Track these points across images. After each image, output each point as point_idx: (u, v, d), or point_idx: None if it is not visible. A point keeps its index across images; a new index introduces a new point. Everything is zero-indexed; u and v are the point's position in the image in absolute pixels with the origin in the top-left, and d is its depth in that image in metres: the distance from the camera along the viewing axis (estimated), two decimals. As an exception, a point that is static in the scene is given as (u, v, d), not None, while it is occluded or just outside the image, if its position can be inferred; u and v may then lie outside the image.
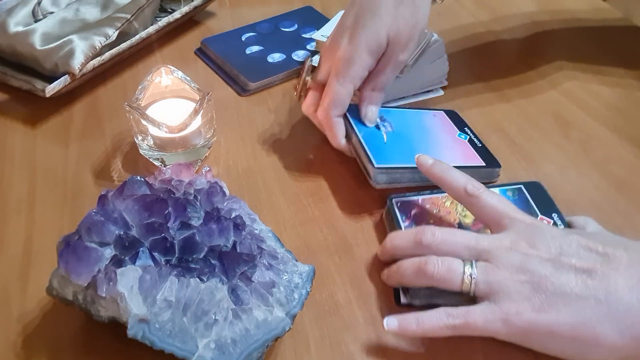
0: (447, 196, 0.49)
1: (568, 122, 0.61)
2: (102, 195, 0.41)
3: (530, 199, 0.49)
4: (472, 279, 0.40)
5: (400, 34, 0.52)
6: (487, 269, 0.40)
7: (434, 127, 0.58)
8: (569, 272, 0.38)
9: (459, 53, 0.71)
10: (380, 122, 0.56)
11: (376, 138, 0.54)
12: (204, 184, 0.45)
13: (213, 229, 0.40)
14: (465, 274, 0.40)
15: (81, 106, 0.64)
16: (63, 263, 0.38)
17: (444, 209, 0.49)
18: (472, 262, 0.40)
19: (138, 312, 0.36)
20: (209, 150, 0.57)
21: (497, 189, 0.50)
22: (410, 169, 0.51)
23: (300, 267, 0.42)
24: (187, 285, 0.38)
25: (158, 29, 0.68)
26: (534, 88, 0.66)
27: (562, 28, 0.76)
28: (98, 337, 0.42)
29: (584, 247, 0.39)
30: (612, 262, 0.38)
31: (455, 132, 0.58)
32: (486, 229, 0.45)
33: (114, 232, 0.39)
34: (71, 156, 0.58)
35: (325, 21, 0.70)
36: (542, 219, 0.47)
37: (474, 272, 0.40)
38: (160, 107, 0.56)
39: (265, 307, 0.39)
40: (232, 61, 0.68)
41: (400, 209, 0.49)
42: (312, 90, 0.56)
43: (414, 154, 0.51)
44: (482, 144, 0.57)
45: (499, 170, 0.54)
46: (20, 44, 0.62)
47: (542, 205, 0.49)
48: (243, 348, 0.37)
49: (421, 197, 0.50)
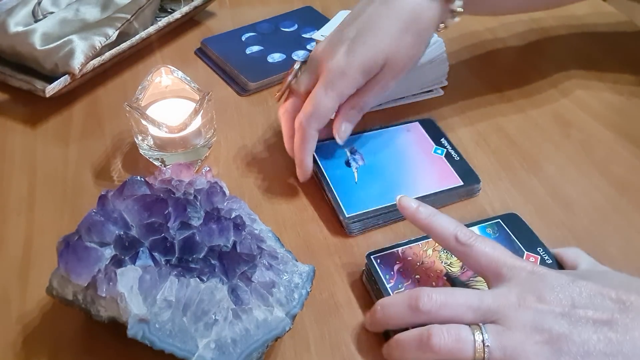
0: (427, 243, 0.46)
1: (568, 122, 0.61)
2: (102, 195, 0.41)
3: (511, 234, 0.47)
4: (484, 346, 0.36)
5: (397, 61, 0.50)
6: (498, 333, 0.36)
7: (408, 147, 0.56)
8: (587, 327, 0.35)
9: (459, 53, 0.71)
10: (350, 157, 0.54)
11: (346, 179, 0.52)
12: (204, 184, 0.45)
13: (213, 229, 0.40)
14: (476, 342, 0.36)
15: (81, 106, 0.64)
16: (63, 263, 0.38)
17: (427, 259, 0.45)
18: (480, 327, 0.36)
19: (138, 312, 0.36)
20: (209, 150, 0.57)
21: (475, 227, 0.47)
22: (385, 208, 0.50)
23: (300, 267, 0.42)
24: (187, 285, 0.38)
25: (158, 29, 0.68)
26: (534, 88, 0.66)
27: (562, 28, 0.76)
28: (98, 337, 0.42)
29: (596, 294, 0.36)
30: (630, 310, 0.35)
31: (431, 148, 0.56)
32: (476, 276, 0.43)
33: (114, 232, 0.39)
34: (71, 156, 0.58)
35: (325, 21, 0.70)
36: (529, 256, 0.45)
37: (485, 339, 0.36)
38: (160, 107, 0.56)
39: (265, 307, 0.39)
40: (232, 61, 0.68)
41: (381, 266, 0.45)
42: (293, 95, 0.53)
43: (388, 190, 0.51)
44: (460, 157, 0.55)
45: (478, 186, 0.53)
46: (21, 44, 0.62)
47: (525, 239, 0.46)
48: (243, 348, 0.37)
49: (400, 248, 0.46)
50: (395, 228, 0.50)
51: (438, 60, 0.65)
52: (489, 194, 0.54)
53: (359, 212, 0.50)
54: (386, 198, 0.51)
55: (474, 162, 0.56)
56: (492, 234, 0.47)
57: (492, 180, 0.55)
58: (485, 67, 0.70)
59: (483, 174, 0.54)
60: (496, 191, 0.54)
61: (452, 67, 0.67)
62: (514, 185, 0.54)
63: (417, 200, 0.44)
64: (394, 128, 0.58)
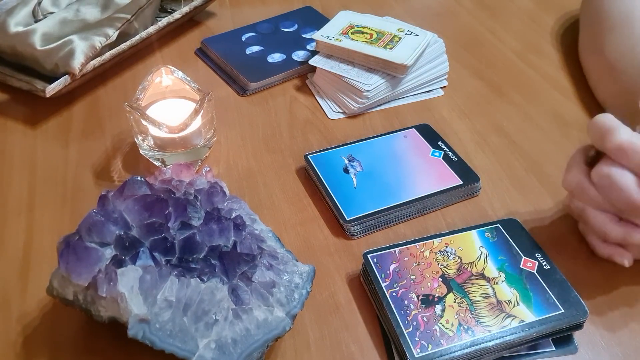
0: (425, 245, 0.46)
1: (568, 122, 0.61)
2: (103, 196, 0.41)
3: (510, 239, 0.47)
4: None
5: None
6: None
7: (405, 152, 0.56)
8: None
9: (459, 53, 0.71)
10: (348, 164, 0.54)
11: (345, 185, 0.52)
12: (204, 184, 0.45)
13: (213, 229, 0.40)
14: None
15: (81, 106, 0.64)
16: (63, 263, 0.38)
17: (424, 261, 0.45)
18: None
19: (138, 312, 0.36)
20: (209, 151, 0.57)
21: (474, 231, 0.47)
22: (385, 210, 0.50)
23: (301, 267, 0.42)
24: (187, 285, 0.38)
25: (158, 29, 0.68)
26: (534, 88, 0.66)
27: (562, 27, 0.76)
28: (98, 337, 0.42)
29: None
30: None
31: (429, 151, 0.56)
32: (472, 279, 0.43)
33: (114, 232, 0.39)
34: (71, 156, 0.58)
35: (325, 21, 0.70)
36: (527, 261, 0.45)
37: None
38: (160, 107, 0.56)
39: (266, 307, 0.39)
40: (232, 61, 0.68)
41: (377, 265, 0.45)
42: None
43: (387, 193, 0.51)
44: (459, 158, 0.55)
45: (478, 184, 0.53)
46: (21, 44, 0.62)
47: (523, 244, 0.46)
48: (243, 348, 0.37)
49: (397, 248, 0.46)
50: (396, 229, 0.50)
51: (438, 60, 0.65)
52: (489, 194, 0.54)
53: (359, 215, 0.50)
54: (386, 200, 0.51)
55: (473, 162, 0.56)
56: (491, 238, 0.47)
57: (492, 180, 0.55)
58: (485, 67, 0.70)
59: (483, 174, 0.54)
60: (496, 191, 0.54)
61: (452, 67, 0.67)
62: (514, 185, 0.54)
63: (426, 197, 0.44)
64: (391, 135, 0.58)
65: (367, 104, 0.62)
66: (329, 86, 0.64)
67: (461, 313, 0.41)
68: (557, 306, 0.41)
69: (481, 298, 0.42)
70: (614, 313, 0.44)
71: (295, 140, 0.60)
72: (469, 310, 0.41)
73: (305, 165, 0.55)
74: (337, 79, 0.63)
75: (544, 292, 0.42)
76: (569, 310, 0.41)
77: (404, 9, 0.80)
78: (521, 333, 0.40)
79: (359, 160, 0.55)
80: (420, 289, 0.43)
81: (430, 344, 0.39)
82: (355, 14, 0.70)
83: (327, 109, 0.63)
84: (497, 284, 0.43)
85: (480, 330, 0.40)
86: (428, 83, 0.66)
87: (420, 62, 0.64)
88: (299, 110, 0.63)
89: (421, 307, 0.42)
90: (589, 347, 0.42)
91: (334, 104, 0.64)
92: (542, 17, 0.78)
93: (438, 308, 0.42)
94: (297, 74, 0.68)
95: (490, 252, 0.46)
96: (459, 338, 0.40)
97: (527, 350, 0.41)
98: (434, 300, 0.42)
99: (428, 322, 0.41)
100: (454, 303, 0.42)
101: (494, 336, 0.40)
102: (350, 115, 0.63)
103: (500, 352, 0.40)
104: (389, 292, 0.43)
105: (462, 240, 0.47)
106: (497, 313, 0.41)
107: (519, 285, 0.43)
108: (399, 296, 0.42)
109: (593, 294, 0.45)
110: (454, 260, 0.45)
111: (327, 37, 0.65)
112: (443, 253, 0.46)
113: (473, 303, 0.42)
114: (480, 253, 0.46)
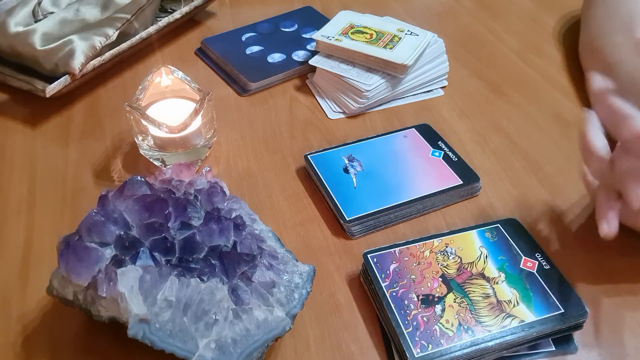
0: (425, 245, 0.46)
1: (568, 122, 0.61)
2: (103, 195, 0.41)
3: (510, 239, 0.47)
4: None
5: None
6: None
7: (405, 152, 0.56)
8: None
9: (459, 53, 0.71)
10: (348, 164, 0.54)
11: (345, 185, 0.52)
12: (204, 184, 0.45)
13: (213, 229, 0.40)
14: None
15: (81, 106, 0.64)
16: (63, 263, 0.38)
17: (424, 261, 0.45)
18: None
19: (138, 312, 0.36)
20: (209, 150, 0.57)
21: (474, 231, 0.47)
22: (385, 210, 0.50)
23: (301, 267, 0.42)
24: (187, 285, 0.38)
25: (158, 29, 0.68)
26: (534, 88, 0.66)
27: (562, 27, 0.76)
28: (98, 337, 0.42)
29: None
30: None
31: (429, 151, 0.56)
32: (472, 279, 0.43)
33: (114, 232, 0.39)
34: (71, 156, 0.58)
35: (325, 21, 0.70)
36: (527, 260, 0.45)
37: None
38: (160, 107, 0.56)
39: (266, 307, 0.39)
40: (232, 61, 0.68)
41: (377, 265, 0.45)
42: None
43: (387, 193, 0.51)
44: (459, 157, 0.55)
45: (478, 184, 0.53)
46: (21, 44, 0.62)
47: (523, 244, 0.46)
48: (243, 348, 0.37)
49: (397, 248, 0.46)
50: (396, 229, 0.50)
51: (438, 60, 0.65)
52: (489, 194, 0.54)
53: (359, 215, 0.50)
54: (386, 200, 0.51)
55: (473, 162, 0.56)
56: (491, 238, 0.47)
57: (492, 180, 0.55)
58: (485, 67, 0.70)
59: (483, 174, 0.54)
60: (496, 191, 0.54)
61: (452, 67, 0.67)
62: (514, 185, 0.54)
63: (426, 197, 0.44)
64: (391, 135, 0.58)
65: (367, 104, 0.62)
66: (329, 86, 0.64)
67: (461, 313, 0.41)
68: (557, 306, 0.42)
69: (481, 298, 0.42)
70: (614, 313, 0.44)
71: (295, 140, 0.60)
72: (469, 310, 0.42)
73: (305, 165, 0.55)
74: (337, 79, 0.63)
75: (544, 292, 0.42)
76: (569, 310, 0.41)
77: (404, 9, 0.80)
78: (521, 333, 0.40)
79: (359, 160, 0.55)
80: (420, 288, 0.43)
81: (430, 344, 0.39)
82: (355, 14, 0.70)
83: (327, 109, 0.63)
84: (497, 284, 0.43)
85: (480, 330, 0.40)
86: (428, 83, 0.66)
87: (420, 62, 0.64)
88: (299, 110, 0.63)
89: (421, 307, 0.42)
90: (589, 347, 0.42)
91: (334, 104, 0.64)
92: (542, 17, 0.78)
93: (438, 308, 0.42)
94: (297, 74, 0.68)
95: (490, 252, 0.46)
96: (459, 338, 0.40)
97: (527, 350, 0.41)
98: (434, 300, 0.42)
99: (428, 322, 0.41)
100: (454, 303, 0.42)
101: (494, 336, 0.40)
102: (350, 115, 0.63)
103: (500, 352, 0.40)
104: (389, 292, 0.43)
105: (462, 240, 0.47)
106: (497, 313, 0.41)
107: (519, 285, 0.43)
108: (399, 296, 0.42)
109: (593, 294, 0.45)
110: (454, 260, 0.45)
111: (327, 37, 0.65)
112: (443, 253, 0.46)
113: (473, 303, 0.42)
114: (480, 253, 0.46)
